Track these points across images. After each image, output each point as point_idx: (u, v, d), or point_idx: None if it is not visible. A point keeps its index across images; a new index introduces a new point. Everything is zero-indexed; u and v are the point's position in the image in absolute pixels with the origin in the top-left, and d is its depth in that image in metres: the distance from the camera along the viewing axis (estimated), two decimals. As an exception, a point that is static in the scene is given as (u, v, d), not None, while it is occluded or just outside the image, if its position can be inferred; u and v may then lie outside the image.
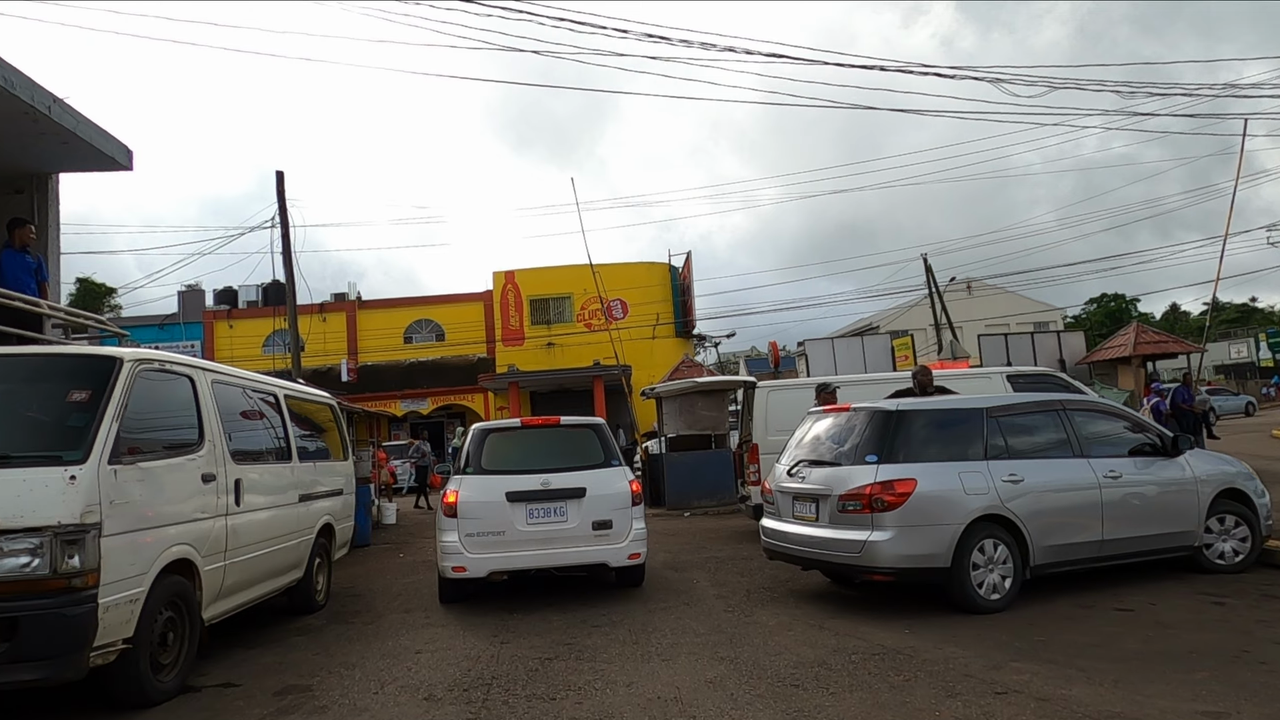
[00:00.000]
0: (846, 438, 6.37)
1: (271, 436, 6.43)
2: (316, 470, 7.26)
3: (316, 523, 7.11)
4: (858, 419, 6.41)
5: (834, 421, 6.67)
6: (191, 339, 36.68)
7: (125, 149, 9.68)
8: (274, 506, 6.15)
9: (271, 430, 6.46)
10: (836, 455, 6.36)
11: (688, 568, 8.60)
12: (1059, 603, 6.11)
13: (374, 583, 8.83)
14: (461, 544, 6.88)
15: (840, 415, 6.66)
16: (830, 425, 6.69)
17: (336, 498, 7.76)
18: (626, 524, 7.16)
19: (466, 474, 7.30)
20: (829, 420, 6.76)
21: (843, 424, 6.54)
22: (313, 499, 7.01)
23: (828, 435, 6.64)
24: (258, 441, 6.09)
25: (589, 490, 7.02)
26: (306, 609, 7.04)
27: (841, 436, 6.46)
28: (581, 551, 6.96)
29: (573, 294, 34.54)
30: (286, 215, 19.29)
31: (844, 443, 6.37)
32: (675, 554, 9.64)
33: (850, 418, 6.51)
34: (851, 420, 6.45)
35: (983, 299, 43.77)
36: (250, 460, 5.87)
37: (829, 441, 6.56)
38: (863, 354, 18.34)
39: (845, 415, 6.59)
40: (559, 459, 7.33)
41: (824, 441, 6.63)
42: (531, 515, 6.99)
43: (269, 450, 6.28)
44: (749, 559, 8.93)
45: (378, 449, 21.03)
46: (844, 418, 6.59)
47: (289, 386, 7.01)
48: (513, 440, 7.79)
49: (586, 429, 7.83)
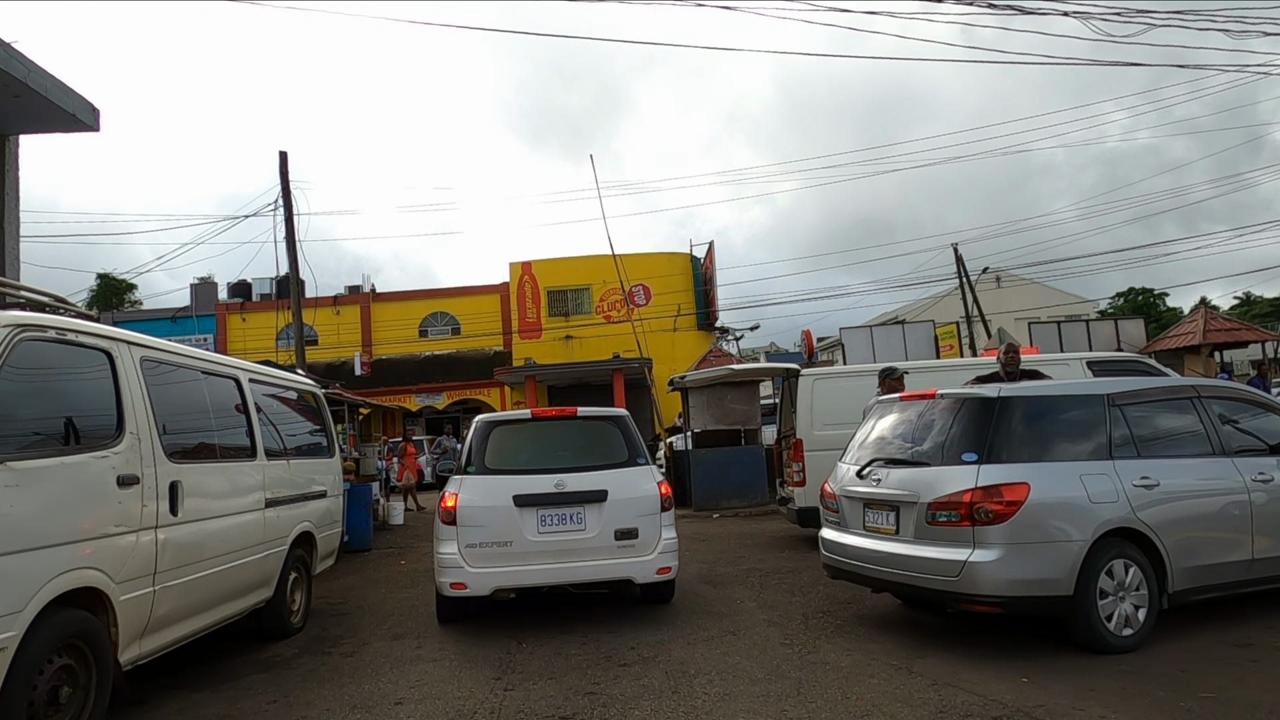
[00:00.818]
0: (932, 431, 5.14)
1: (229, 429, 5.32)
2: (291, 469, 6.14)
3: (291, 531, 6.00)
4: (946, 408, 5.17)
5: (913, 412, 5.44)
6: (204, 332, 36.16)
7: (89, 106, 8.63)
8: (230, 514, 5.03)
9: (229, 421, 5.34)
10: (920, 453, 5.14)
11: (726, 582, 7.40)
12: (1201, 639, 4.86)
13: (366, 597, 7.71)
14: (461, 556, 5.84)
15: (920, 404, 5.42)
16: (908, 416, 5.46)
17: (318, 501, 6.64)
18: (655, 533, 6.06)
19: (468, 474, 6.21)
20: (906, 410, 5.53)
21: (926, 415, 5.31)
22: (285, 504, 5.90)
23: (906, 429, 5.41)
24: (208, 434, 4.97)
25: (611, 493, 5.97)
26: (278, 633, 5.93)
27: (925, 430, 5.23)
28: (602, 565, 5.92)
29: (591, 285, 33.46)
30: (290, 198, 18.27)
31: (929, 438, 5.14)
32: (710, 564, 8.45)
33: (935, 407, 5.28)
34: (938, 410, 5.22)
35: (1011, 291, 42.15)
36: (196, 458, 4.75)
37: (908, 436, 5.34)
38: (903, 343, 17.03)
39: (927, 404, 5.36)
40: (576, 457, 6.31)
41: (902, 436, 5.41)
42: (544, 523, 5.94)
43: (225, 446, 5.16)
44: (796, 572, 7.71)
45: (407, 441, 19.95)
46: (926, 407, 5.35)
47: (255, 369, 5.89)
48: (522, 435, 6.67)
49: (608, 422, 6.71)
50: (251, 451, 5.47)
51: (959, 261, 31.13)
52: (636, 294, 30.89)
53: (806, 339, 18.30)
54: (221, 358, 5.39)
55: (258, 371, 5.92)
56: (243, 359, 6.09)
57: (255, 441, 5.51)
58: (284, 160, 18.43)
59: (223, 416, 5.25)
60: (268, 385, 6.05)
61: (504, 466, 6.24)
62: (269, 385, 6.07)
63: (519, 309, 33.68)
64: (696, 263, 33.68)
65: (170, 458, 4.36)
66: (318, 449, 6.92)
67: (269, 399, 6.05)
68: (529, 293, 33.95)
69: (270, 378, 6.13)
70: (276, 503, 5.74)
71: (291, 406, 6.58)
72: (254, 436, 5.50)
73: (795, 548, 9.38)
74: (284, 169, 18.38)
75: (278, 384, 6.27)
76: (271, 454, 5.77)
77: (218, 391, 5.23)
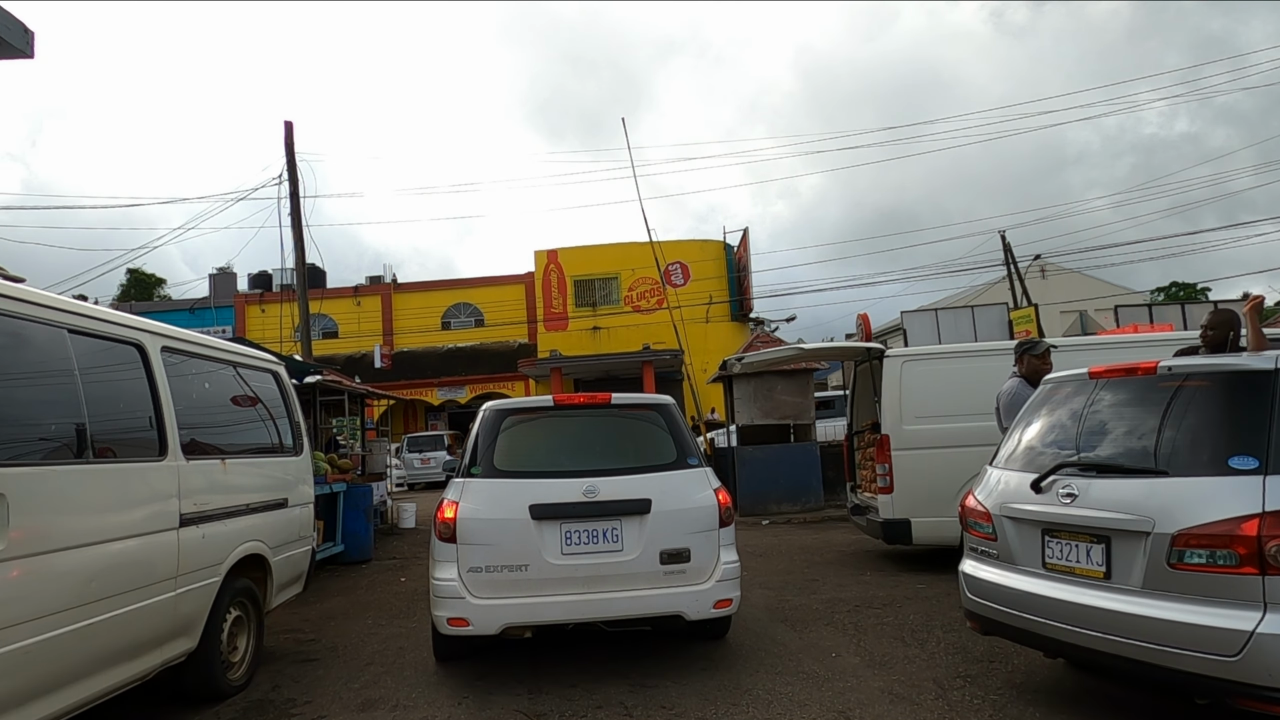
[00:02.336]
0: (1166, 422, 3.37)
1: (117, 415, 3.72)
2: (230, 472, 4.54)
3: (226, 557, 4.39)
4: (1182, 389, 3.41)
5: (1120, 394, 3.67)
6: (223, 324, 35.27)
7: (22, 28, 7.12)
8: (109, 539, 3.42)
9: (119, 405, 3.74)
10: (1148, 455, 3.37)
11: (807, 620, 5.69)
12: None
13: (346, 631, 6.11)
14: (463, 583, 4.41)
15: (1130, 383, 3.65)
16: (1112, 401, 3.69)
17: (274, 514, 5.04)
18: (711, 555, 4.61)
19: (473, 477, 4.71)
20: (1105, 392, 3.75)
21: (1144, 398, 3.54)
22: (216, 519, 4.29)
23: (1111, 419, 3.65)
24: (71, 423, 3.34)
25: (656, 503, 4.56)
26: (208, 695, 4.34)
27: (1147, 420, 3.47)
28: (643, 596, 4.50)
29: (619, 274, 31.91)
30: (296, 171, 16.83)
31: (1161, 432, 3.37)
32: (778, 591, 6.73)
33: (1155, 387, 3.51)
34: (1169, 391, 3.44)
35: (1055, 281, 39.82)
36: (43, 457, 3.15)
37: (1120, 430, 3.58)
38: (973, 327, 15.06)
39: (1142, 383, 3.58)
40: (610, 456, 4.91)
41: (1105, 430, 3.64)
42: (569, 541, 4.51)
43: (107, 439, 3.55)
44: (893, 605, 5.98)
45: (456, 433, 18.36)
46: (1140, 387, 3.58)
47: (174, 333, 4.27)
48: (542, 427, 5.11)
49: (650, 411, 5.15)
50: (157, 447, 3.86)
51: (1007, 250, 28.99)
52: (674, 273, 29.09)
53: (864, 324, 16.40)
54: (115, 314, 3.78)
55: (178, 338, 4.30)
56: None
57: (164, 433, 3.90)
58: (289, 131, 16.98)
59: (106, 398, 3.65)
60: (193, 357, 4.43)
61: (519, 467, 4.78)
62: (195, 358, 4.46)
63: (544, 299, 32.22)
64: (730, 250, 31.91)
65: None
66: (276, 445, 5.31)
67: (195, 377, 4.44)
68: (555, 282, 32.47)
69: (199, 347, 4.50)
70: (202, 518, 4.13)
71: (235, 388, 4.98)
72: (162, 426, 3.89)
73: (878, 568, 7.63)
74: (289, 140, 16.94)
75: (211, 356, 4.64)
76: (194, 450, 4.17)
77: (100, 362, 3.63)
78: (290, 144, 16.92)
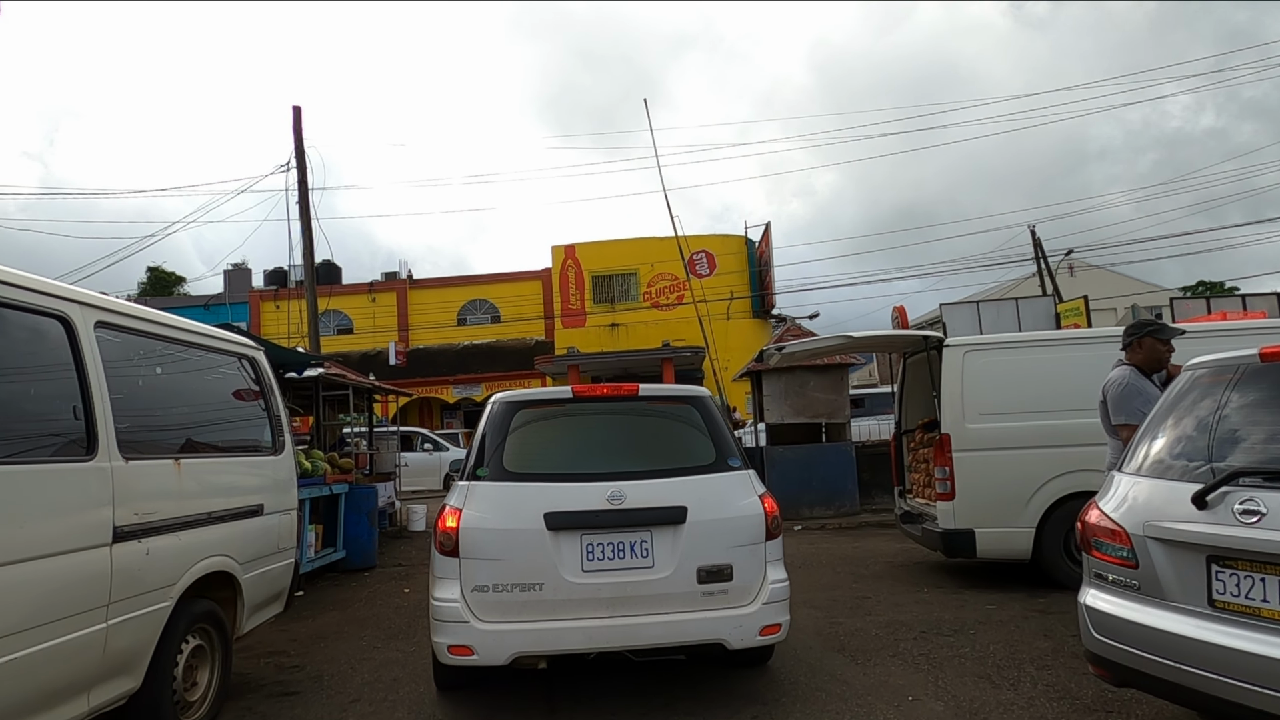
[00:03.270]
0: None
1: (26, 405, 2.98)
2: (186, 474, 3.80)
3: (181, 576, 3.65)
4: None
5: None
6: (238, 320, 34.93)
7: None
8: (15, 559, 2.68)
9: (28, 393, 3.00)
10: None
11: (868, 650, 4.86)
12: None
13: (335, 654, 5.36)
14: (466, 605, 3.78)
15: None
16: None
17: (244, 523, 4.29)
18: (757, 572, 3.98)
19: (479, 479, 4.02)
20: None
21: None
22: (165, 531, 3.55)
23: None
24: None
25: (692, 512, 3.91)
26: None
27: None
28: (678, 621, 3.83)
29: (638, 270, 31.21)
30: (304, 158, 16.20)
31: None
32: (826, 611, 5.92)
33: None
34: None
35: (1082, 278, 38.66)
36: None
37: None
38: (1017, 320, 14.23)
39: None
40: (638, 456, 4.25)
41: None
42: (591, 555, 3.85)
43: (10, 436, 2.81)
44: (965, 631, 5.15)
45: None
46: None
47: (114, 306, 3.52)
48: (559, 423, 4.43)
49: (683, 404, 4.43)
50: (84, 444, 3.12)
51: (1037, 245, 28.03)
52: (699, 262, 28.28)
53: (900, 316, 15.54)
54: (31, 279, 3.03)
55: (119, 311, 3.55)
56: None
57: (94, 427, 3.15)
58: (298, 116, 16.37)
59: (13, 383, 2.90)
60: (140, 336, 3.68)
61: (532, 469, 4.09)
62: (143, 337, 3.71)
63: (561, 295, 31.57)
64: (751, 245, 31.06)
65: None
66: (249, 442, 4.57)
67: (143, 360, 3.70)
68: (572, 278, 31.80)
69: (149, 324, 3.75)
70: (145, 531, 3.39)
71: (198, 375, 4.23)
72: (91, 418, 3.14)
73: (935, 583, 6.80)
74: (298, 126, 16.33)
75: (166, 336, 3.89)
76: (137, 448, 3.42)
77: (9, 338, 2.89)
78: (299, 129, 16.31)
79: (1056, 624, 5.22)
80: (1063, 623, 5.23)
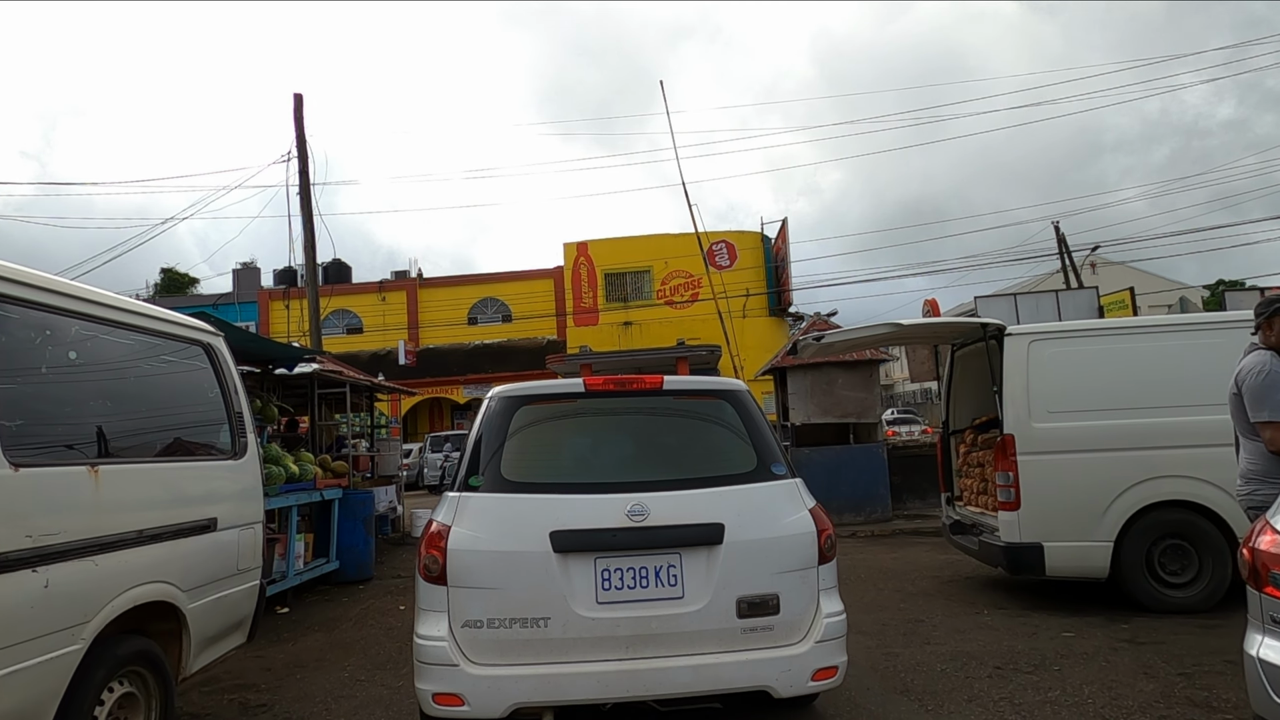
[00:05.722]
0: None
1: None
2: (107, 484, 3.07)
3: (100, 610, 2.93)
4: None
5: None
6: (247, 319, 34.54)
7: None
8: None
9: None
10: None
11: (936, 689, 4.09)
12: None
13: (312, 687, 4.63)
14: (456, 645, 3.10)
15: None
16: None
17: (190, 541, 3.56)
18: (809, 603, 3.29)
19: (472, 490, 3.32)
20: None
21: None
22: (74, 555, 2.83)
23: None
24: None
25: (730, 530, 3.23)
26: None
27: None
28: (713, 665, 3.14)
29: (652, 267, 30.49)
30: (305, 148, 15.55)
31: None
32: (878, 638, 5.14)
33: None
34: None
35: (1105, 274, 37.70)
36: None
37: None
38: (1057, 313, 13.53)
39: None
40: (664, 462, 3.55)
41: None
42: (608, 583, 3.17)
43: None
44: (1047, 667, 4.36)
45: None
46: None
47: (9, 274, 2.80)
48: (568, 422, 3.75)
49: (717, 400, 3.70)
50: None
51: (1061, 241, 27.13)
52: (719, 253, 27.49)
53: (933, 310, 14.74)
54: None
55: (18, 280, 2.83)
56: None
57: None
58: (299, 104, 15.71)
59: None
60: (45, 311, 2.95)
61: (536, 478, 3.40)
62: (50, 311, 2.98)
63: (574, 293, 30.88)
64: (767, 241, 30.24)
65: None
66: (199, 445, 3.84)
67: (50, 343, 2.98)
68: (585, 276, 31.10)
69: (61, 299, 3.02)
70: (44, 556, 2.67)
71: (130, 363, 3.51)
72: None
73: (995, 603, 6.00)
74: (299, 114, 15.67)
75: (88, 315, 3.15)
76: (31, 453, 2.70)
77: None
78: (299, 118, 15.66)
79: (1154, 659, 4.42)
80: (1161, 657, 4.44)
